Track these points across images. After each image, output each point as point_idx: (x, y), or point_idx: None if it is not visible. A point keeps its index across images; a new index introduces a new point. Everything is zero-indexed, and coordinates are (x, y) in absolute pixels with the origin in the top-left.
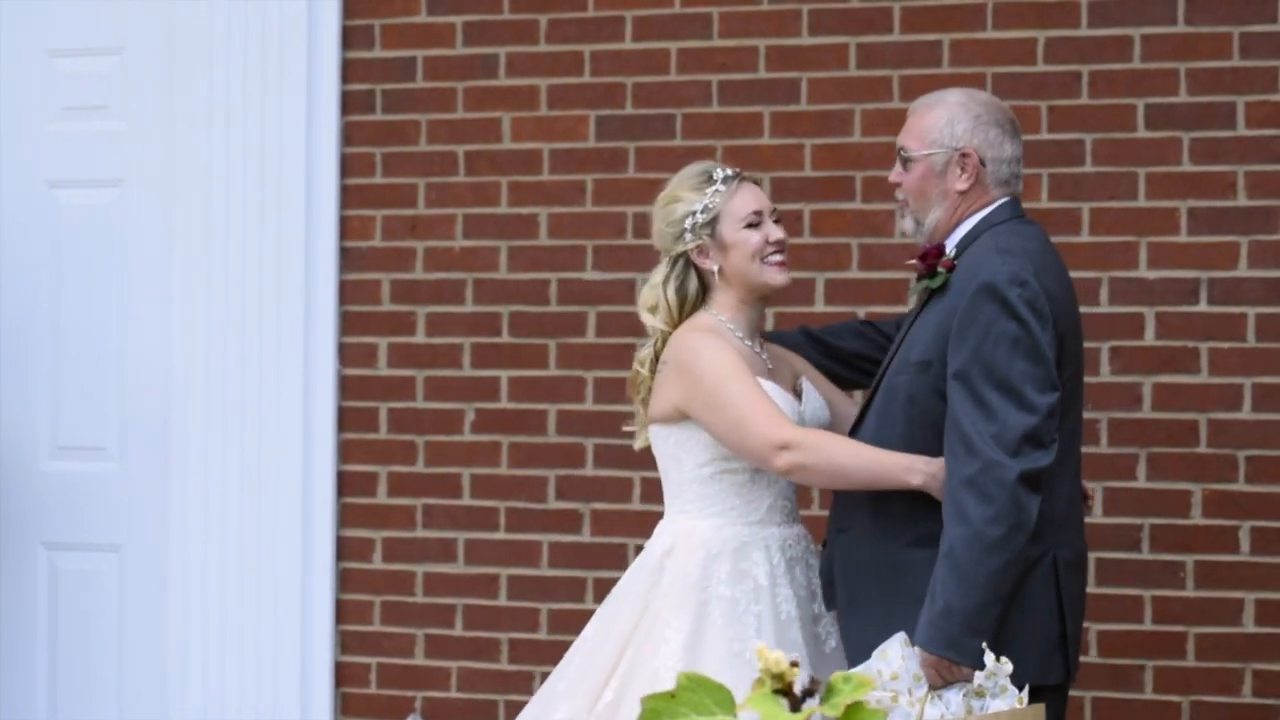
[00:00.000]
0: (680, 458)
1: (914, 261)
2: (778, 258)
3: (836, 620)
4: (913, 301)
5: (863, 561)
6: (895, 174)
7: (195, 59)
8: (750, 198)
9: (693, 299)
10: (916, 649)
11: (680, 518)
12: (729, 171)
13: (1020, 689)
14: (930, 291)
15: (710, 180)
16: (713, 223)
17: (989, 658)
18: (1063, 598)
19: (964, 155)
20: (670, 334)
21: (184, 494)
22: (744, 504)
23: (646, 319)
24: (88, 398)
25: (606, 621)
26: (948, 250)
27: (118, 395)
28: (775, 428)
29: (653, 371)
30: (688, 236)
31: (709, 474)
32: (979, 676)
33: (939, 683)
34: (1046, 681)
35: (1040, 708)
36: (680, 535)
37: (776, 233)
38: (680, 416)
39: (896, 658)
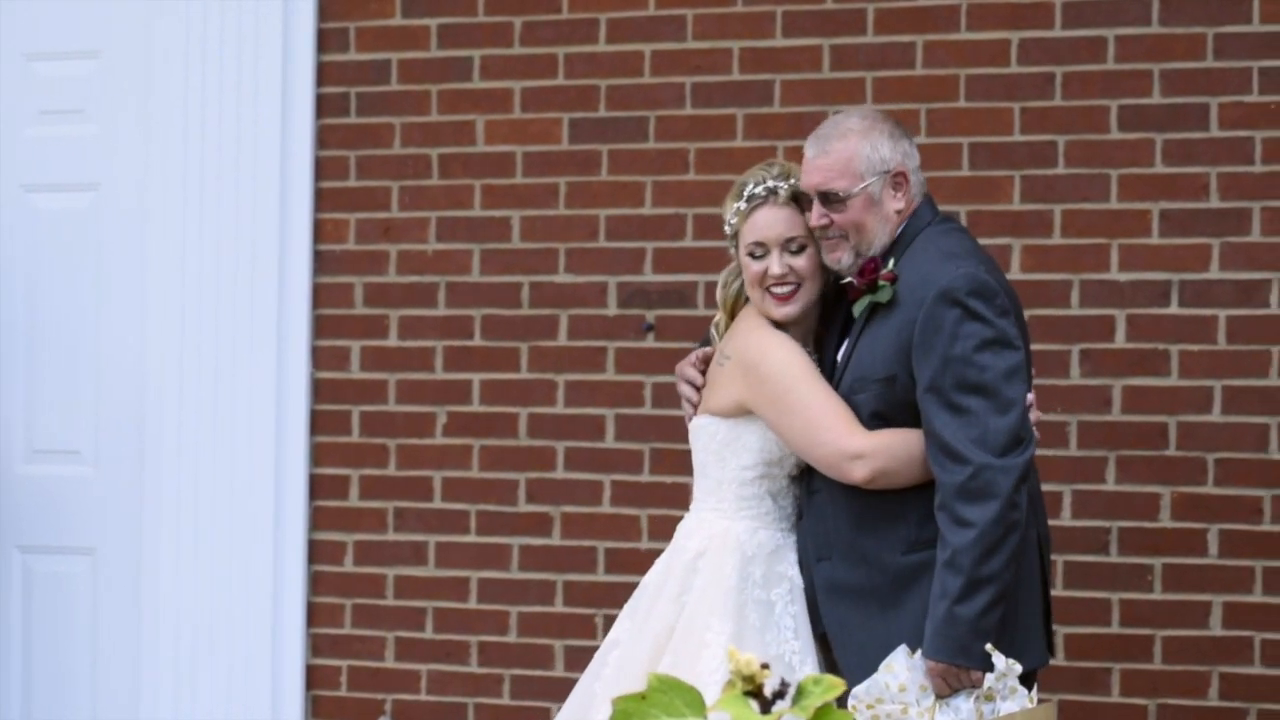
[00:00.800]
0: (725, 456)
1: (850, 280)
2: (779, 290)
3: (830, 647)
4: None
5: (855, 585)
6: (820, 216)
7: (171, 63)
8: (761, 225)
9: (731, 301)
10: (920, 659)
11: (713, 516)
12: (760, 190)
13: (1029, 686)
14: (873, 306)
15: (739, 196)
16: (735, 238)
17: (998, 659)
18: (1045, 576)
19: (898, 175)
20: (727, 327)
21: (158, 497)
22: (777, 508)
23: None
24: (62, 401)
25: (639, 622)
26: (881, 260)
27: (92, 399)
28: (847, 436)
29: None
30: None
31: (751, 476)
32: (989, 679)
33: (946, 691)
34: (1046, 661)
35: (1050, 706)
36: (714, 536)
37: (777, 267)
38: (741, 412)
39: (902, 669)
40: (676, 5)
